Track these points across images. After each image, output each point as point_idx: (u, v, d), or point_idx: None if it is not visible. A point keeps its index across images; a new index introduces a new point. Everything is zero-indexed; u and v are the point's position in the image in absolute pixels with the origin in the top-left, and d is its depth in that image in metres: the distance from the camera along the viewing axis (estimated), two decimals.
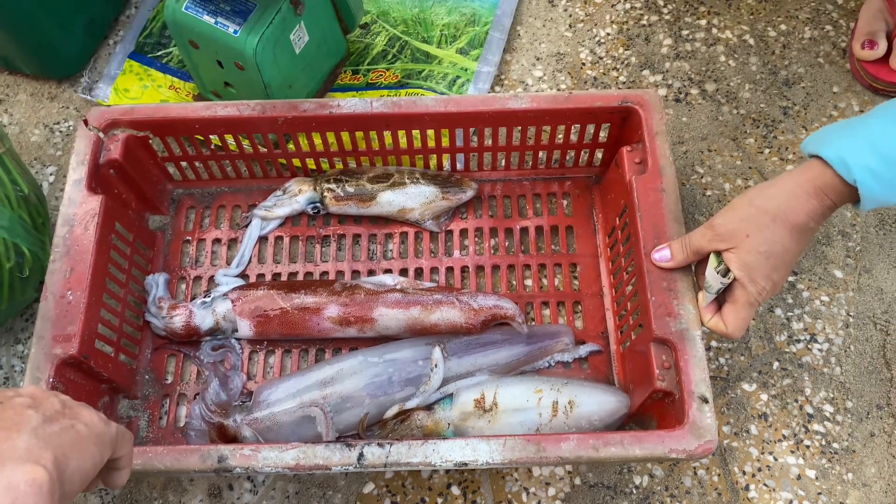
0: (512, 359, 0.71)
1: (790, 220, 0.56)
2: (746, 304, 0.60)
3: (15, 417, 0.41)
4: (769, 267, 0.58)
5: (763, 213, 0.57)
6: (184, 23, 0.75)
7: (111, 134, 0.73)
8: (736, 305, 0.60)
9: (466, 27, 0.90)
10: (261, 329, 0.72)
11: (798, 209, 0.56)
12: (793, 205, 0.56)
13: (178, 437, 0.70)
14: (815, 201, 0.56)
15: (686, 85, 0.88)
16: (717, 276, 0.61)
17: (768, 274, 0.58)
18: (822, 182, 0.56)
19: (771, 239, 0.57)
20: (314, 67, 0.83)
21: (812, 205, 0.56)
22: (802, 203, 0.56)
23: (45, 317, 0.65)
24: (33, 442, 0.39)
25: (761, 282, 0.58)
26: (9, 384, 0.74)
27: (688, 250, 0.63)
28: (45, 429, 0.41)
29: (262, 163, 0.80)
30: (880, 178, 0.53)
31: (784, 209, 0.57)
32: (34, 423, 0.41)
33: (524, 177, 0.82)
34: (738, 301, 0.60)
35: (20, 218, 0.66)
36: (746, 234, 0.58)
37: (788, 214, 0.57)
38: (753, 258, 0.58)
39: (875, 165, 0.53)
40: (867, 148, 0.53)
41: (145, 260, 0.77)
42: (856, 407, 0.71)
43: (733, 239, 0.59)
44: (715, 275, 0.61)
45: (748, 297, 0.59)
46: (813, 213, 0.56)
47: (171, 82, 0.88)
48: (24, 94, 0.90)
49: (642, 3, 0.93)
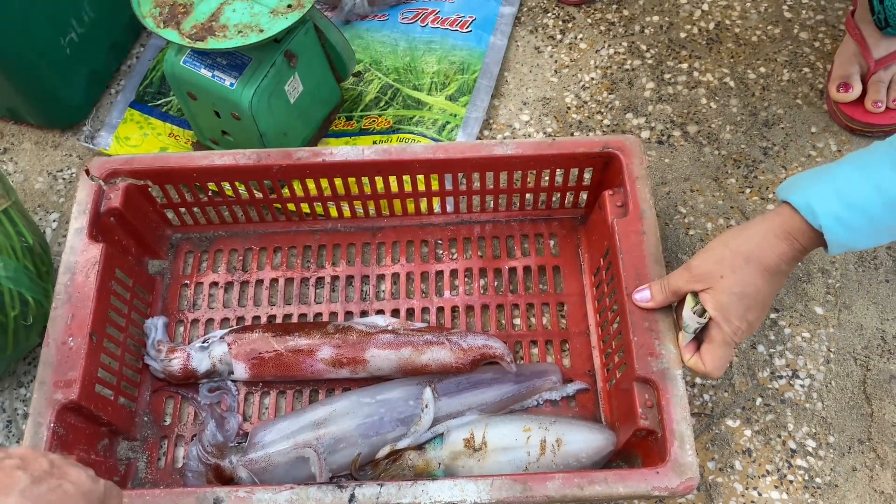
0: (501, 397, 0.73)
1: (762, 262, 0.59)
2: (723, 343, 0.62)
3: (4, 479, 0.43)
4: (743, 307, 0.60)
5: (737, 256, 0.60)
6: (182, 76, 0.78)
7: (111, 183, 0.76)
8: (713, 345, 0.62)
9: (455, 75, 0.93)
10: (256, 371, 0.74)
11: (769, 252, 0.59)
12: (764, 248, 0.59)
13: (175, 478, 0.72)
14: (785, 245, 0.59)
15: (669, 127, 0.90)
16: (693, 316, 0.63)
17: (742, 314, 0.60)
18: (791, 227, 0.58)
19: (744, 280, 0.59)
20: (309, 115, 0.86)
21: (782, 248, 0.59)
22: (774, 246, 0.59)
23: (47, 363, 0.67)
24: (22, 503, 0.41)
25: (735, 321, 0.60)
26: (12, 427, 0.76)
27: (666, 291, 0.65)
28: (33, 490, 0.42)
29: (258, 208, 0.82)
30: (845, 224, 0.55)
31: (756, 252, 0.59)
32: (22, 484, 0.42)
33: (512, 218, 0.84)
34: (715, 340, 0.62)
35: (25, 268, 0.68)
36: (721, 276, 0.60)
37: (760, 257, 0.59)
38: (728, 298, 0.60)
39: (840, 212, 0.55)
40: (833, 195, 0.56)
41: (144, 304, 0.79)
42: (838, 442, 0.73)
43: (709, 280, 0.61)
44: (692, 314, 0.63)
45: (724, 337, 0.61)
46: (784, 256, 0.59)
47: (170, 130, 0.91)
48: (28, 143, 0.94)
49: (625, 48, 0.96)
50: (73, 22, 0.87)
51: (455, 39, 0.96)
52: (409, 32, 0.97)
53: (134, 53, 0.99)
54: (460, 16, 0.98)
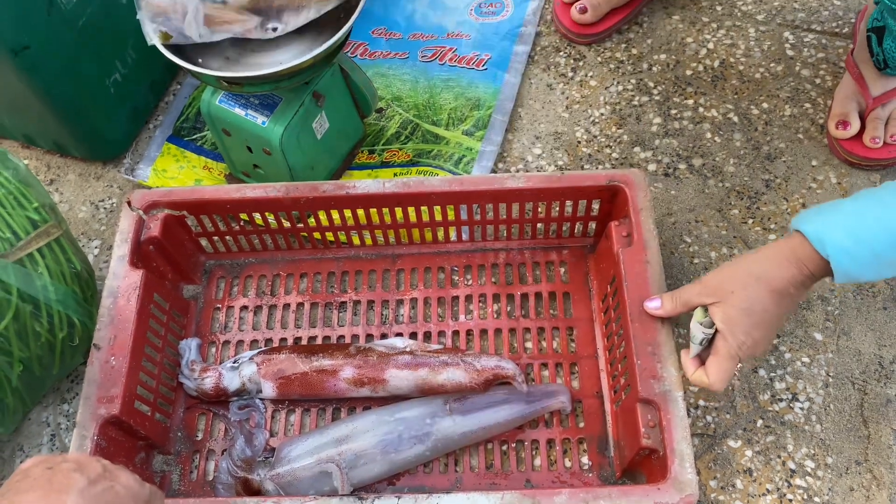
0: (512, 416, 0.77)
1: (771, 283, 0.63)
2: (727, 356, 0.65)
3: (64, 481, 0.47)
4: (749, 323, 0.64)
5: (748, 275, 0.64)
6: (217, 114, 0.84)
7: (151, 214, 0.82)
8: (717, 357, 0.66)
9: (472, 111, 0.98)
10: (283, 390, 0.79)
11: (779, 275, 0.63)
12: (774, 270, 0.63)
13: (207, 490, 0.77)
14: (794, 269, 0.63)
15: (675, 160, 0.95)
16: (700, 327, 0.67)
17: (748, 330, 0.64)
18: (801, 253, 0.62)
19: (752, 297, 0.63)
20: (334, 150, 0.92)
21: (791, 272, 0.63)
22: (783, 270, 0.63)
23: (92, 380, 0.72)
24: (80, 502, 0.46)
25: (741, 335, 0.64)
26: (55, 440, 0.82)
27: (677, 301, 0.70)
28: (89, 490, 0.47)
29: (286, 236, 0.88)
30: (851, 256, 0.59)
31: (766, 273, 0.64)
32: (80, 485, 0.47)
33: (524, 246, 0.89)
34: (720, 353, 0.66)
35: (73, 292, 0.74)
36: (731, 291, 0.64)
37: (770, 278, 0.63)
38: (735, 312, 0.64)
39: (847, 244, 0.59)
40: (841, 227, 0.60)
41: (179, 326, 0.85)
42: (836, 463, 0.76)
43: (719, 293, 0.65)
44: (699, 326, 0.67)
45: (729, 350, 0.65)
46: (792, 279, 0.63)
47: (204, 163, 0.97)
48: (73, 175, 1.00)
49: (633, 85, 1.01)
50: (118, 63, 0.94)
51: (471, 77, 1.02)
52: (428, 70, 1.03)
53: (171, 91, 1.06)
54: (476, 54, 1.04)
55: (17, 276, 0.69)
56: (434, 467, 0.77)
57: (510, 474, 0.76)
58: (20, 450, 0.81)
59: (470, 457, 0.77)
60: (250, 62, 0.78)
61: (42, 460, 0.50)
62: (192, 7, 0.71)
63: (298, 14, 0.74)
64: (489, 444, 0.78)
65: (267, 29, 0.75)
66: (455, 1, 1.09)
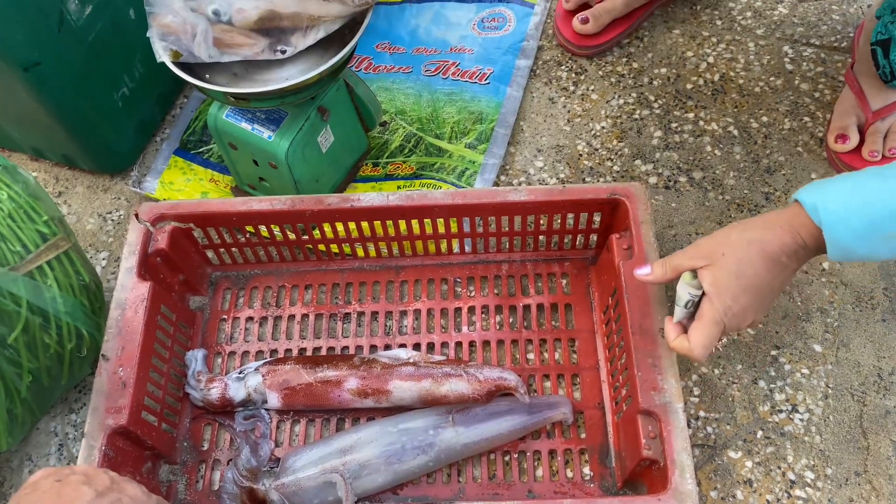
0: (515, 427, 0.78)
1: (764, 248, 0.63)
2: (712, 321, 0.64)
3: (72, 493, 0.48)
4: (738, 287, 0.63)
5: (741, 238, 0.64)
6: (224, 128, 0.85)
7: (159, 226, 0.83)
8: (702, 322, 0.65)
9: (474, 124, 1.00)
10: (288, 400, 0.80)
11: (772, 240, 0.63)
12: (768, 235, 0.63)
13: (212, 499, 0.78)
14: (788, 237, 0.62)
15: (675, 173, 0.96)
16: (686, 287, 0.66)
17: (736, 293, 0.63)
18: (797, 222, 0.62)
19: (744, 260, 0.63)
20: (339, 163, 0.93)
21: (785, 239, 0.62)
22: (777, 236, 0.63)
23: (100, 391, 0.73)
24: None
25: (728, 299, 0.63)
26: (63, 449, 0.83)
27: (667, 266, 0.69)
28: (97, 502, 0.48)
29: (291, 248, 0.89)
30: (844, 223, 0.59)
31: (760, 237, 0.63)
32: (88, 497, 0.48)
33: (526, 258, 0.90)
34: (704, 317, 0.65)
35: (81, 304, 0.75)
36: (723, 253, 0.64)
37: (763, 243, 0.63)
38: (724, 275, 0.63)
39: (841, 211, 0.59)
40: (837, 195, 0.60)
41: (186, 337, 0.86)
42: (835, 474, 0.77)
43: (710, 256, 0.65)
44: (685, 286, 0.67)
45: (714, 314, 0.64)
46: (785, 247, 0.62)
47: (211, 176, 0.99)
48: (81, 187, 1.02)
49: (634, 98, 1.03)
50: (126, 78, 0.95)
51: (474, 91, 1.03)
52: (431, 84, 1.04)
53: (178, 104, 1.07)
54: (479, 68, 1.05)
55: (27, 288, 0.70)
56: (437, 478, 0.77)
57: (512, 485, 0.77)
58: (28, 459, 0.82)
59: (473, 467, 0.78)
60: (257, 78, 0.79)
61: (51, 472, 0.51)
62: (200, 29, 0.72)
63: (306, 36, 0.75)
64: (492, 454, 0.78)
65: (276, 51, 0.76)
66: (458, 16, 1.11)
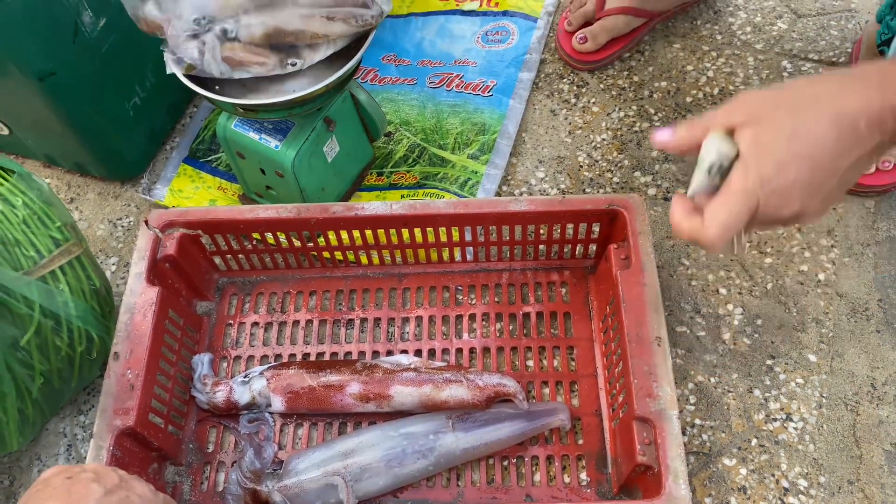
0: (513, 433, 0.80)
1: (837, 104, 0.45)
2: (742, 191, 0.46)
3: (82, 490, 0.50)
4: (788, 153, 0.45)
5: (803, 94, 0.46)
6: (232, 138, 0.87)
7: (168, 233, 0.85)
8: (726, 192, 0.47)
9: (477, 135, 1.02)
10: (291, 404, 0.81)
11: (851, 95, 0.45)
12: (847, 91, 0.45)
13: (217, 500, 0.79)
14: (875, 94, 0.44)
15: (674, 185, 0.98)
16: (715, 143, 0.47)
17: (783, 161, 0.45)
18: (893, 78, 0.45)
19: (804, 119, 0.45)
20: (344, 172, 0.95)
21: (869, 93, 0.44)
22: (857, 91, 0.45)
23: (108, 393, 0.75)
24: None
25: (769, 167, 0.45)
26: (71, 449, 0.84)
27: (696, 125, 0.50)
28: (106, 499, 0.50)
29: (297, 255, 0.91)
30: None
31: (831, 92, 0.45)
32: (98, 494, 0.50)
33: (526, 267, 0.92)
34: (732, 185, 0.47)
35: (92, 308, 0.77)
36: (775, 108, 0.46)
37: (837, 99, 0.45)
38: (771, 135, 0.46)
39: None
40: None
41: (192, 341, 0.88)
42: (828, 482, 0.78)
43: (756, 110, 0.47)
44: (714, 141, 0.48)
45: (745, 184, 0.46)
46: (869, 106, 0.44)
47: (219, 184, 1.01)
48: (92, 194, 1.04)
49: (635, 111, 1.04)
50: (137, 87, 0.98)
51: (477, 103, 1.05)
52: (435, 96, 1.06)
53: (188, 113, 1.10)
54: (482, 80, 1.07)
55: (40, 292, 0.72)
56: (437, 481, 0.79)
57: (510, 489, 0.78)
58: (38, 459, 0.84)
59: (472, 471, 0.79)
60: (265, 89, 0.81)
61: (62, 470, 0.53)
62: (209, 45, 0.74)
63: (316, 51, 0.77)
64: (491, 459, 0.80)
65: (286, 65, 0.79)
66: (462, 29, 1.13)
